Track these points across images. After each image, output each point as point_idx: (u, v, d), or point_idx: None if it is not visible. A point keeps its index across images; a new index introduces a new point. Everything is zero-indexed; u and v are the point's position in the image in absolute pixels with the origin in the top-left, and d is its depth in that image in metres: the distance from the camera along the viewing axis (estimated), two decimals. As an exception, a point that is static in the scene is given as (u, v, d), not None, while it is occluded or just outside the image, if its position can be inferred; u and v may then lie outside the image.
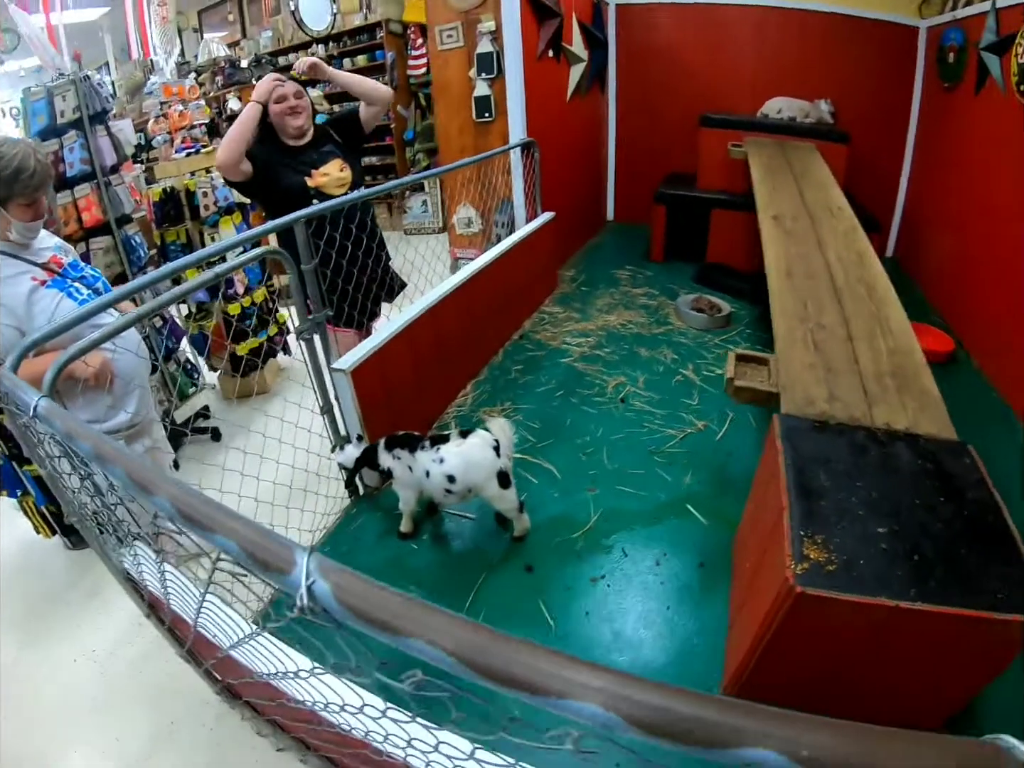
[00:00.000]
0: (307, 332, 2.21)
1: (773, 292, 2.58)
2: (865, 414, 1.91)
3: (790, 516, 1.53)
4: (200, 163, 3.54)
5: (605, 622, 2.06)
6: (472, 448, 2.12)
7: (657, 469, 2.67)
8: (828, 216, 3.22)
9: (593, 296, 4.22)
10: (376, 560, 2.33)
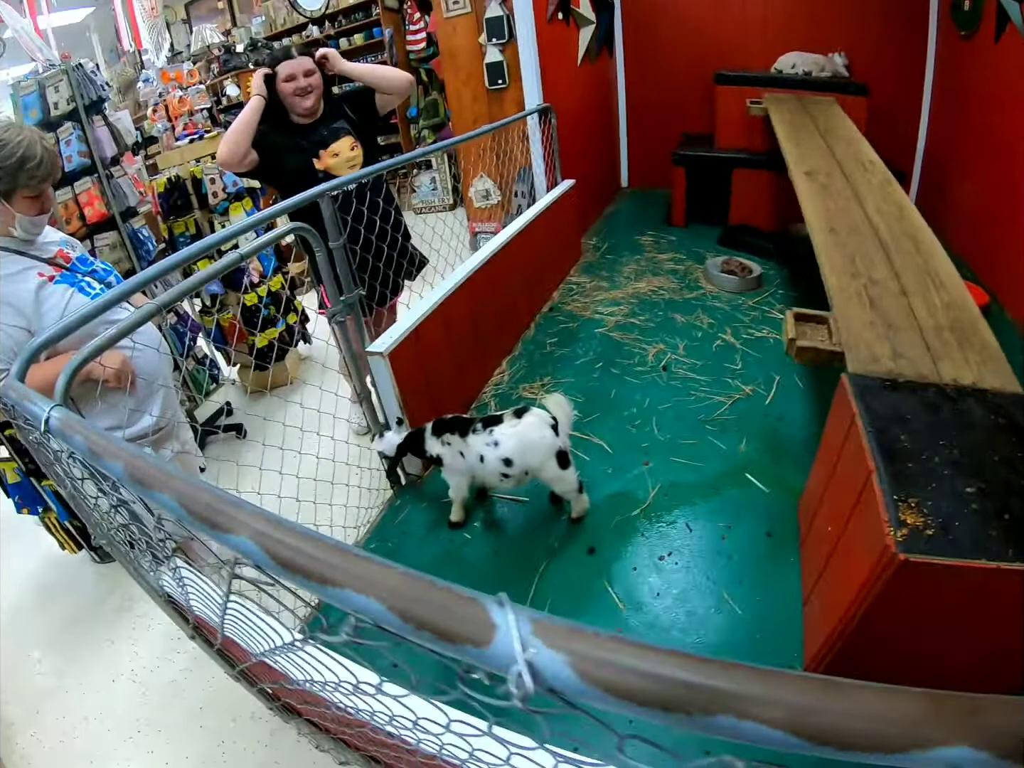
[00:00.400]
0: (340, 314, 2.05)
1: (819, 249, 2.44)
2: (932, 370, 1.81)
3: (880, 480, 1.44)
4: (205, 149, 3.34)
5: (677, 602, 1.93)
6: (528, 428, 1.96)
7: (709, 437, 2.53)
8: (861, 170, 3.04)
9: (619, 264, 4.04)
10: (427, 555, 2.18)
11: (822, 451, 2.07)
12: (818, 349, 2.03)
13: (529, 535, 2.20)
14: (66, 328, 1.19)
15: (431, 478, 2.48)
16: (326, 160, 2.46)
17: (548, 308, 3.59)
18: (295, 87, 2.37)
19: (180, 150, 3.27)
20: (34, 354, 1.11)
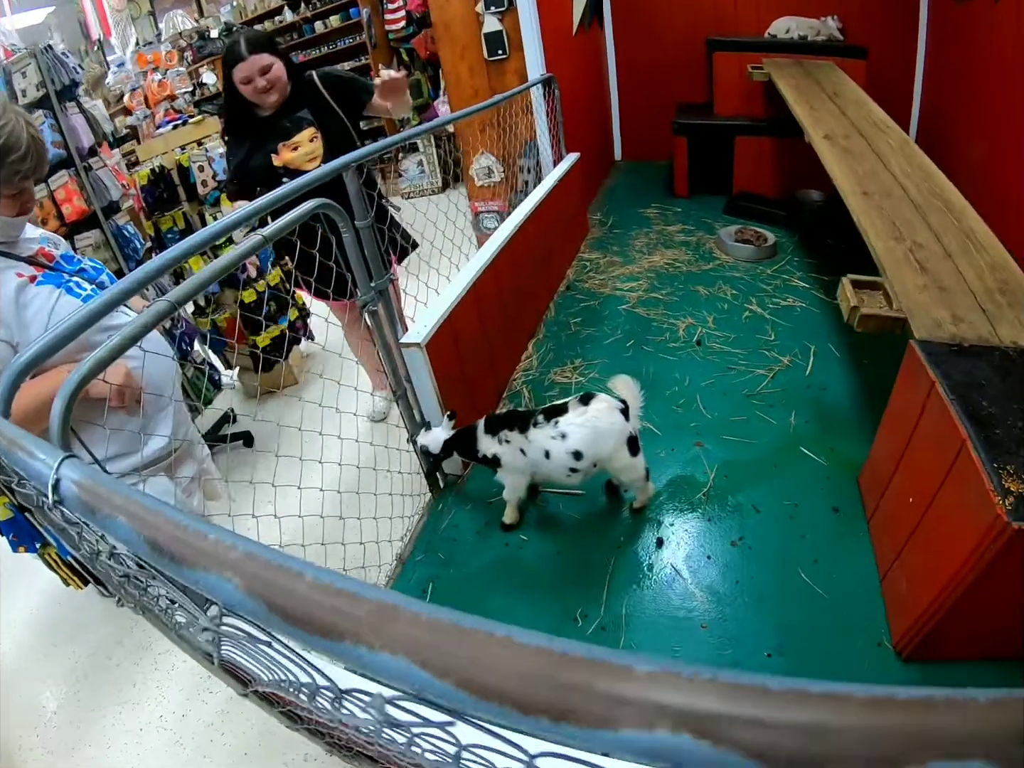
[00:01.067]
0: (372, 303, 1.83)
1: (856, 213, 2.34)
2: (991, 333, 1.77)
3: (975, 448, 1.39)
4: (190, 135, 3.04)
5: (758, 588, 1.80)
6: (598, 415, 1.78)
7: (758, 413, 2.39)
8: (877, 132, 2.92)
9: (628, 238, 3.85)
10: (484, 562, 1.98)
11: (888, 422, 1.97)
12: (881, 316, 1.94)
13: (590, 530, 2.04)
14: (58, 338, 0.90)
15: (472, 477, 2.30)
16: (284, 155, 2.19)
17: (565, 287, 3.40)
18: (253, 89, 2.10)
19: (164, 137, 2.96)
20: (19, 376, 0.84)
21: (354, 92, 2.29)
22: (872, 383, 2.47)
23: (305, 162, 2.22)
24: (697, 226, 3.88)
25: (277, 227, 1.35)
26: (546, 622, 1.77)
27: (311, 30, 6.56)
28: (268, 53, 2.09)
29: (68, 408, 0.84)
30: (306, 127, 2.20)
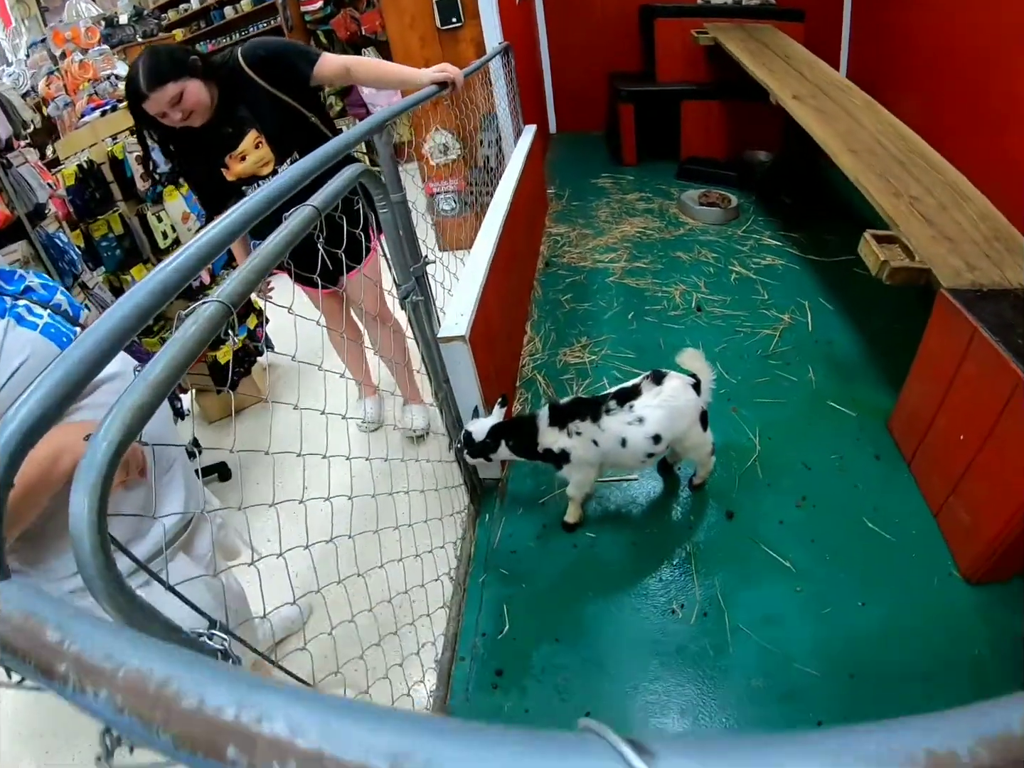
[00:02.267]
0: (414, 292, 1.57)
1: (849, 171, 2.36)
2: (1002, 277, 1.86)
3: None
4: (121, 122, 2.52)
5: (833, 543, 1.77)
6: (675, 394, 1.64)
7: (777, 372, 2.36)
8: (840, 92, 2.92)
9: (590, 209, 3.71)
10: (556, 569, 1.79)
11: (921, 368, 1.98)
12: (909, 268, 1.95)
13: (656, 515, 1.91)
14: (54, 397, 0.51)
15: (512, 478, 2.09)
16: (234, 168, 1.85)
17: (544, 264, 3.22)
18: (171, 122, 1.73)
19: (91, 126, 2.44)
20: (14, 462, 0.48)
21: (290, 65, 1.86)
22: (872, 333, 2.50)
23: (259, 168, 1.88)
24: (654, 193, 3.80)
25: (327, 195, 1.07)
26: (646, 621, 1.63)
27: (220, 16, 5.81)
28: (173, 80, 1.66)
29: (103, 500, 0.50)
30: (248, 130, 1.83)
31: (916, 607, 1.61)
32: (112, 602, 0.52)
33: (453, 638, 1.62)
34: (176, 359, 0.60)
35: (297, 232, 0.93)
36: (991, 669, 1.48)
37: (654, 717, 1.44)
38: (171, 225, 2.59)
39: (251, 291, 0.77)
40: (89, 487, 0.49)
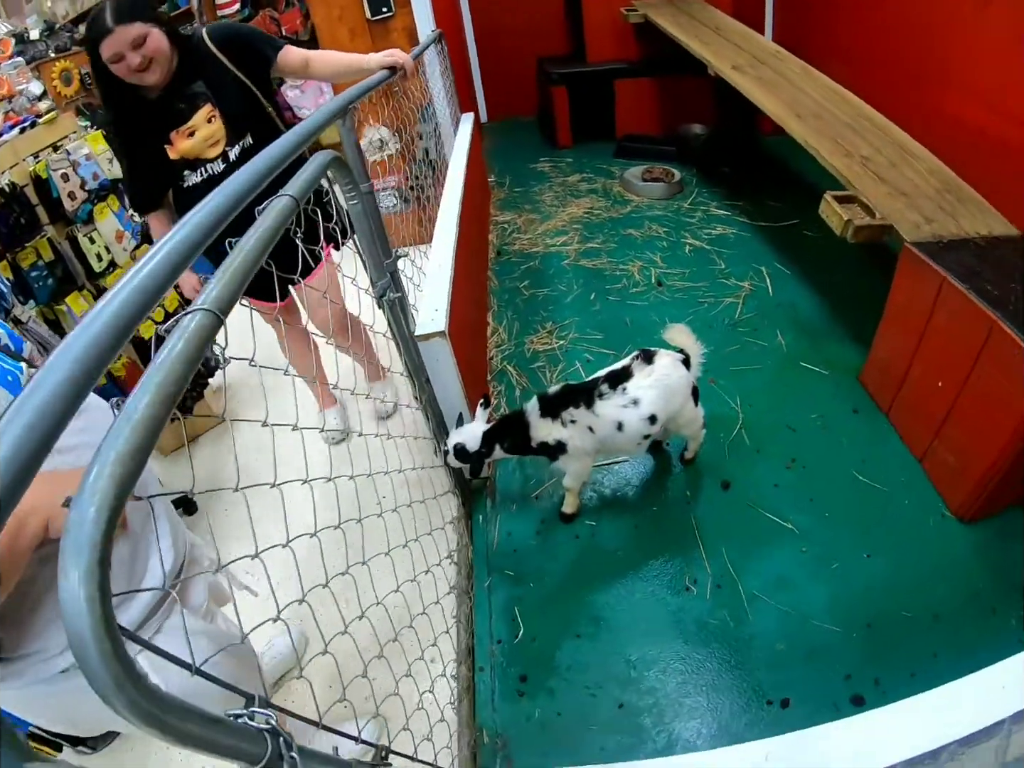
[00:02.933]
0: (391, 289, 1.46)
1: (798, 134, 2.38)
2: (958, 227, 1.92)
3: (1007, 325, 1.51)
4: (43, 138, 2.22)
5: (830, 501, 1.78)
6: (667, 372, 1.59)
7: (747, 339, 2.36)
8: (777, 61, 2.93)
9: (533, 194, 3.63)
10: (562, 563, 1.72)
11: (891, 321, 2.02)
12: (873, 226, 1.99)
13: (653, 494, 1.86)
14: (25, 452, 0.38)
15: (499, 476, 2.01)
16: (179, 145, 1.70)
17: (495, 253, 3.14)
18: (127, 68, 1.57)
19: (10, 144, 2.14)
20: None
21: (256, 50, 1.78)
22: (830, 292, 2.53)
23: (206, 148, 1.73)
24: (595, 173, 3.76)
25: (301, 184, 0.94)
26: (662, 602, 1.58)
27: None
28: (141, 21, 1.54)
29: (104, 587, 0.38)
30: (202, 104, 1.70)
31: (917, 551, 1.64)
32: (135, 711, 0.40)
33: (467, 651, 1.52)
34: (164, 386, 0.48)
35: (277, 227, 0.80)
36: (994, 601, 1.51)
37: (688, 698, 1.39)
38: (105, 246, 2.35)
39: (238, 297, 0.64)
40: (85, 574, 0.37)
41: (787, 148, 3.64)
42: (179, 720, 0.44)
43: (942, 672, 0.71)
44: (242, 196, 0.75)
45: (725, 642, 1.49)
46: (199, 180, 1.76)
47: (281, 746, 0.55)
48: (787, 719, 1.34)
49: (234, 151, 1.76)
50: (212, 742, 0.47)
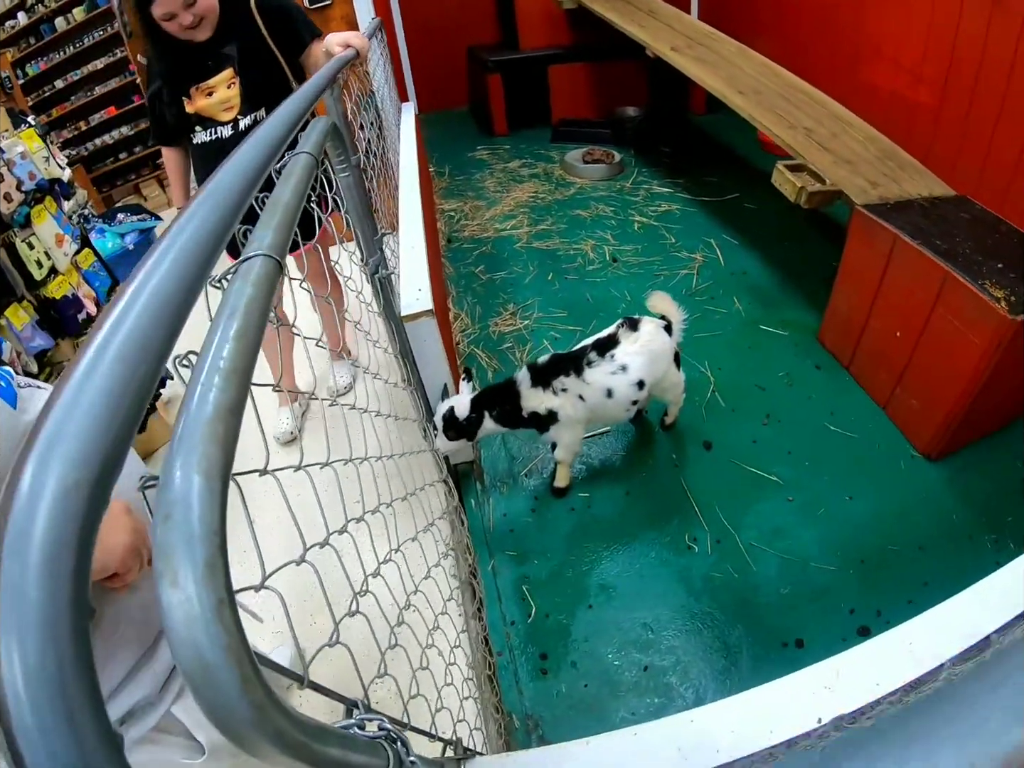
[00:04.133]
0: (383, 265, 1.38)
1: (743, 110, 2.43)
2: (901, 191, 2.05)
3: (960, 274, 1.62)
4: None
5: (808, 451, 1.84)
6: (652, 338, 1.57)
7: (706, 307, 2.40)
8: (712, 41, 2.99)
9: (475, 181, 3.57)
10: (561, 538, 1.68)
11: (845, 280, 2.09)
12: (824, 191, 2.06)
13: (640, 460, 1.85)
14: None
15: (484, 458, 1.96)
16: (197, 100, 1.70)
17: (446, 240, 3.06)
18: (178, 26, 1.57)
19: None
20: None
21: (295, 29, 1.78)
22: (778, 258, 2.61)
23: (220, 111, 1.73)
24: (534, 158, 3.73)
25: (314, 141, 0.86)
26: (667, 563, 1.58)
27: (51, 30, 4.83)
28: None
29: (227, 565, 0.30)
30: (226, 67, 1.69)
31: (893, 491, 1.72)
32: (280, 742, 0.30)
33: (482, 639, 1.46)
34: (246, 333, 0.40)
35: (304, 181, 0.72)
36: (969, 529, 1.60)
37: (708, 651, 1.39)
38: (44, 252, 2.10)
39: (288, 245, 0.56)
40: (204, 570, 0.27)
41: (719, 126, 3.78)
42: (322, 744, 0.35)
43: (935, 597, 0.73)
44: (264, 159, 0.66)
45: (733, 593, 1.50)
46: (207, 139, 1.75)
47: (400, 752, 0.48)
48: (804, 658, 1.36)
49: (245, 121, 1.75)
50: (348, 763, 0.39)
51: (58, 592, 0.24)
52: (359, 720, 0.49)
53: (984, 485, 1.70)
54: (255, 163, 0.61)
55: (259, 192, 0.62)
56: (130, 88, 5.07)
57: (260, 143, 0.65)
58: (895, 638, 0.78)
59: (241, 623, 0.29)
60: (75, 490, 0.26)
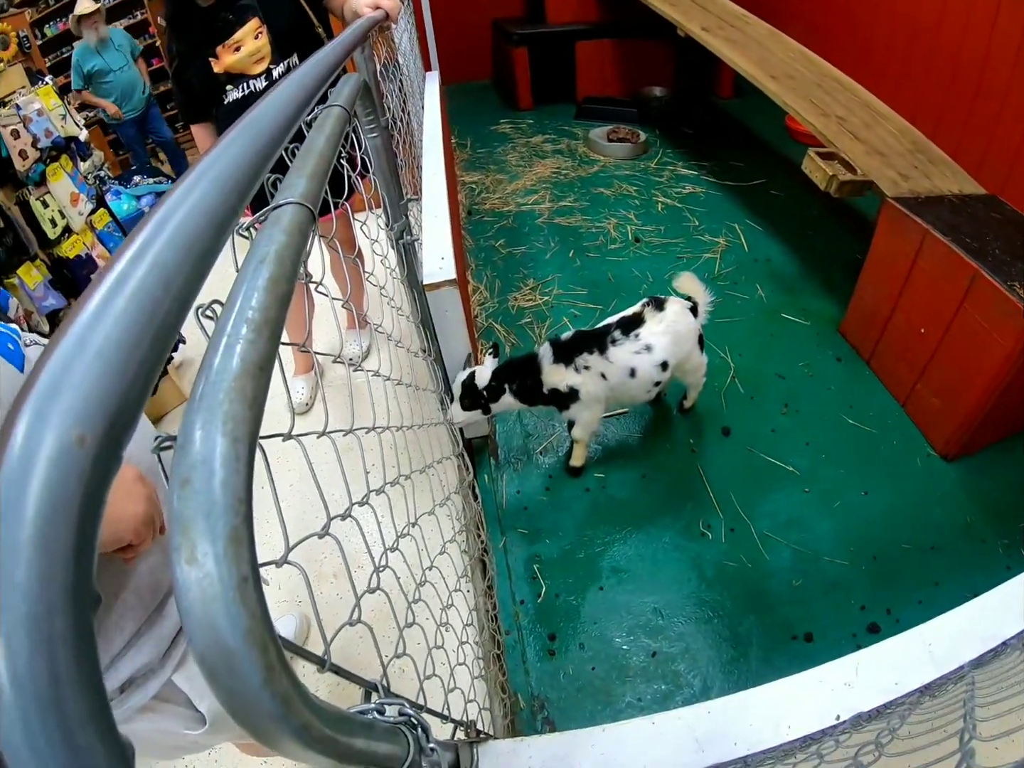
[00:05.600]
0: (408, 231, 1.33)
1: (776, 95, 2.33)
2: (933, 185, 1.97)
3: (989, 274, 1.56)
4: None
5: (825, 444, 1.79)
6: (676, 318, 1.52)
7: (728, 292, 2.32)
8: (744, 23, 2.85)
9: (497, 155, 3.47)
10: (575, 517, 1.63)
11: (872, 273, 2.03)
12: (856, 181, 1.98)
13: (657, 444, 1.80)
14: None
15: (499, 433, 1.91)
16: (225, 59, 1.59)
17: (466, 213, 2.98)
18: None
19: None
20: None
21: None
22: (801, 247, 2.52)
23: (251, 64, 1.62)
24: (558, 134, 3.62)
25: (348, 95, 0.80)
26: (679, 549, 1.54)
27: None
28: None
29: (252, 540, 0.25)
30: (250, 18, 1.58)
31: (909, 488, 1.67)
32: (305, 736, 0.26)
33: (492, 616, 1.42)
34: (278, 283, 0.34)
35: (338, 133, 0.66)
36: (983, 532, 1.56)
37: (718, 640, 1.36)
38: (59, 211, 2.03)
39: (321, 195, 0.50)
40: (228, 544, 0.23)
41: (746, 111, 3.65)
42: (347, 736, 0.31)
43: (945, 598, 0.69)
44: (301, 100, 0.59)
45: (745, 582, 1.46)
46: (240, 96, 1.64)
47: (420, 738, 0.44)
48: (813, 653, 1.33)
49: (278, 69, 1.65)
50: (371, 753, 0.35)
51: (53, 576, 0.19)
52: (379, 704, 0.44)
53: (999, 489, 1.65)
54: (293, 99, 0.54)
55: (289, 143, 0.57)
56: (150, 51, 4.94)
57: (295, 83, 0.59)
58: (914, 638, 0.75)
59: (267, 605, 0.24)
60: (79, 447, 0.20)
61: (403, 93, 2.92)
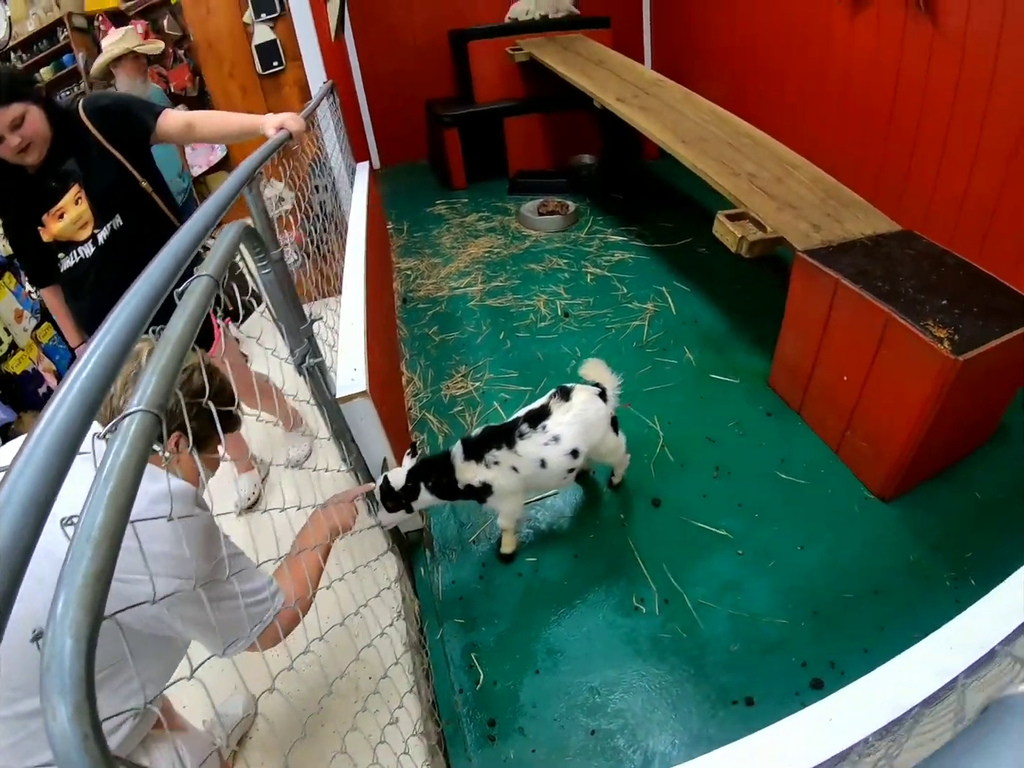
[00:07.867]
0: (310, 354, 1.56)
1: (686, 159, 2.63)
2: (844, 231, 2.23)
3: (901, 317, 1.77)
4: None
5: (758, 503, 1.98)
6: (585, 407, 1.73)
7: (657, 359, 2.58)
8: (658, 89, 3.27)
9: (433, 238, 3.80)
10: (510, 603, 1.80)
11: (791, 326, 2.27)
12: (765, 239, 2.22)
13: (588, 522, 1.98)
14: None
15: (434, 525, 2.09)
16: (51, 226, 1.76)
17: (401, 301, 3.26)
18: (7, 148, 1.63)
19: None
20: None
21: (134, 117, 1.83)
22: (729, 304, 2.83)
23: (76, 231, 1.78)
24: (492, 211, 3.99)
25: (218, 261, 0.97)
26: (614, 625, 1.70)
27: None
28: (18, 100, 1.59)
29: (94, 707, 0.44)
30: (72, 184, 1.75)
31: (847, 535, 1.86)
32: None
33: (431, 706, 1.58)
34: (117, 497, 0.51)
35: (201, 309, 0.81)
36: (926, 569, 1.74)
37: (656, 712, 1.49)
38: (4, 328, 2.28)
39: (172, 390, 0.65)
40: (74, 711, 0.40)
41: (671, 171, 4.06)
42: None
43: (891, 642, 0.81)
44: (154, 298, 0.76)
45: (681, 653, 1.61)
46: (72, 263, 1.80)
47: None
48: (755, 715, 1.47)
49: (102, 233, 1.79)
50: None
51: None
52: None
53: (941, 524, 1.84)
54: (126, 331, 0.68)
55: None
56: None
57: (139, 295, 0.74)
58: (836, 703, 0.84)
59: (107, 749, 0.41)
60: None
61: (333, 190, 3.27)
